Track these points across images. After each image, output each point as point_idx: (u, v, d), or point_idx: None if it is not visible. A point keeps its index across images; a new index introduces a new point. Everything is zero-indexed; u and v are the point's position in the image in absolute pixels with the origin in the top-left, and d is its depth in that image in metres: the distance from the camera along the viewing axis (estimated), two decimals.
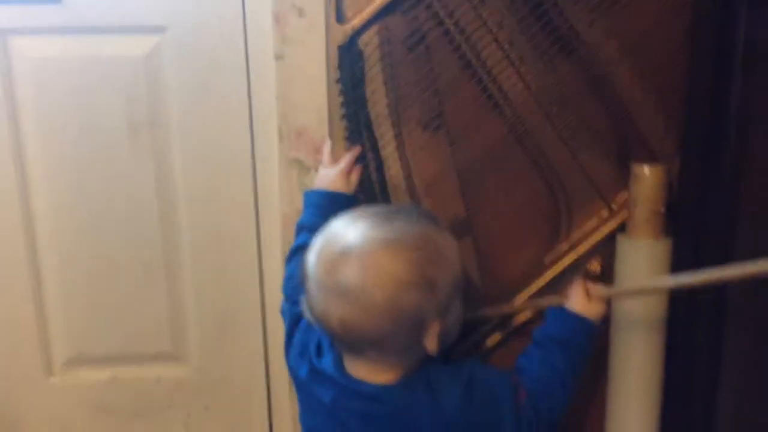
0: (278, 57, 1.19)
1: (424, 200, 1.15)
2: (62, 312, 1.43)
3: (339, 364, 0.99)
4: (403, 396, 0.96)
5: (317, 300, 0.94)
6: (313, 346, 1.03)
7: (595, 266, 1.16)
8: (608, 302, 1.05)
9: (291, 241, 1.19)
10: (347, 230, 0.94)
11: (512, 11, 1.07)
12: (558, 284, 1.16)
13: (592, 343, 1.03)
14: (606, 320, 1.08)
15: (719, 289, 1.04)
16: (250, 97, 1.32)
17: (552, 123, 1.11)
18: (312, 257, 0.95)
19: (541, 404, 0.97)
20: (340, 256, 0.92)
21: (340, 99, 1.10)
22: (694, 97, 1.03)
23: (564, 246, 1.17)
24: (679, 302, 1.10)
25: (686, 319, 1.09)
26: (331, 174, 1.10)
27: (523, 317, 1.20)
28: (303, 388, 1.05)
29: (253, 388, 1.49)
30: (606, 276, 1.15)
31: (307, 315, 0.97)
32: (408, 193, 1.14)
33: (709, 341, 1.07)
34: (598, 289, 1.03)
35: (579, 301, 1.02)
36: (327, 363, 1.00)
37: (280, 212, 1.28)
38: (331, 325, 0.93)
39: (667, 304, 1.11)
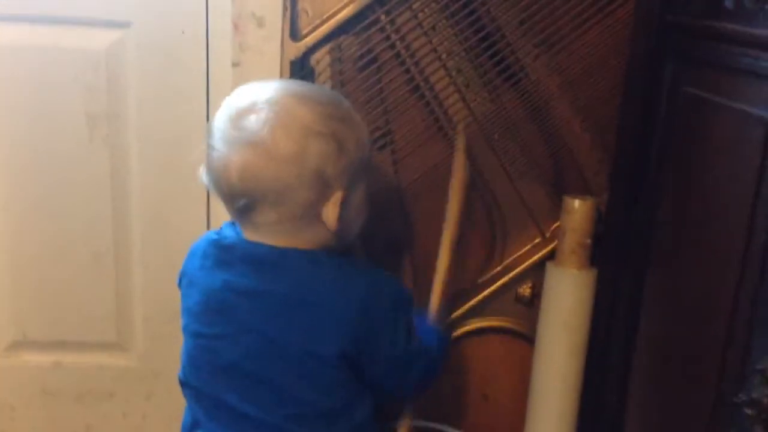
0: (235, 64, 1.22)
1: None
2: (8, 295, 1.45)
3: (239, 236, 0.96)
4: (306, 265, 0.93)
5: (218, 154, 0.91)
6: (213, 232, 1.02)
7: (525, 290, 1.21)
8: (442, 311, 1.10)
9: None
10: (257, 88, 0.93)
11: (461, 40, 1.11)
12: (490, 305, 1.21)
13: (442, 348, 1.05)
14: None
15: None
16: (208, 100, 1.35)
17: (493, 150, 1.15)
18: (218, 114, 0.93)
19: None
20: (248, 107, 0.90)
21: None
22: (624, 136, 1.07)
23: (498, 268, 1.21)
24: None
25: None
26: None
27: None
28: (191, 285, 0.99)
29: None
30: (536, 299, 1.20)
31: (204, 179, 0.95)
32: None
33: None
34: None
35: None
36: (228, 234, 0.98)
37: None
38: (230, 178, 0.90)
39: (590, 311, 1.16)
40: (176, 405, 1.52)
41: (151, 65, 1.34)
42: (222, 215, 1.37)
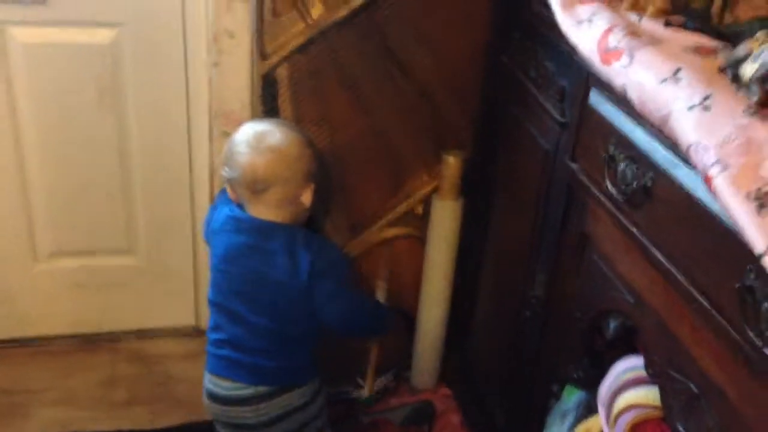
0: (215, 64, 1.71)
1: None
2: (47, 219, 1.93)
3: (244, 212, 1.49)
4: (289, 233, 1.47)
5: (245, 158, 1.42)
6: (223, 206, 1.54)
7: (419, 210, 1.81)
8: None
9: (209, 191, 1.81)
10: (257, 123, 1.51)
11: (367, 53, 1.63)
12: (396, 221, 1.82)
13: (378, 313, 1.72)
14: None
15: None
16: (186, 77, 1.83)
17: (398, 121, 1.71)
18: (241, 135, 1.47)
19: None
20: (262, 131, 1.46)
21: (261, 107, 1.65)
22: (482, 105, 1.66)
23: (401, 195, 1.80)
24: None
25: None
26: None
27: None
28: (215, 238, 1.53)
29: (184, 271, 2.07)
30: (426, 215, 1.81)
31: (230, 174, 1.45)
32: None
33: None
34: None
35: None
36: (236, 211, 1.50)
37: (207, 165, 1.86)
38: (256, 172, 1.42)
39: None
40: (167, 291, 2.10)
41: (141, 53, 1.79)
42: (198, 166, 1.90)
